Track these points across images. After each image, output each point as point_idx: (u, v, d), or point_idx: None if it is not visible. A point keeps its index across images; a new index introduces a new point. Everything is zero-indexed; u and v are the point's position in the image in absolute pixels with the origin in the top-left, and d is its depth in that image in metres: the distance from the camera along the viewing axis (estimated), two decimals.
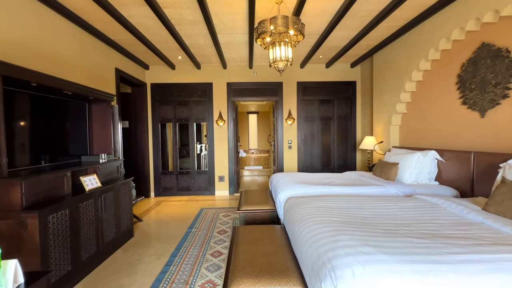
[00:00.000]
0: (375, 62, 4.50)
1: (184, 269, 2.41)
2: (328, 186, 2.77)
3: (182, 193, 5.40)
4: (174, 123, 5.37)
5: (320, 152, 5.50)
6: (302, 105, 5.42)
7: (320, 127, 5.48)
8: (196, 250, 2.79)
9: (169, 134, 5.50)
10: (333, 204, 2.01)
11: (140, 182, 5.21)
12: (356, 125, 5.45)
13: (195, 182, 5.42)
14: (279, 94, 5.38)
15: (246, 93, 5.37)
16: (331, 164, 5.52)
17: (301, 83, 5.37)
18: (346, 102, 5.46)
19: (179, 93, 5.32)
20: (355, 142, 5.47)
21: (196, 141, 6.48)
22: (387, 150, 4.11)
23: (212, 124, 5.37)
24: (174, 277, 2.26)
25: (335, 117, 5.46)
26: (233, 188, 5.43)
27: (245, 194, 3.45)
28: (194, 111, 5.37)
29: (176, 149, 5.40)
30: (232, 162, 5.41)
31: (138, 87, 5.15)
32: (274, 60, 2.42)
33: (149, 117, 5.29)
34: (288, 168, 5.44)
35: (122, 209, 2.95)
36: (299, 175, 3.64)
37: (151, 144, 5.31)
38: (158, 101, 5.32)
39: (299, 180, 3.22)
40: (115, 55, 4.11)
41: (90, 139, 3.08)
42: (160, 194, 5.38)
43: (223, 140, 5.40)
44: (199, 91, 5.34)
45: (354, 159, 5.48)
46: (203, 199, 5.08)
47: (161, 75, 5.28)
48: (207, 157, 5.45)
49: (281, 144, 5.41)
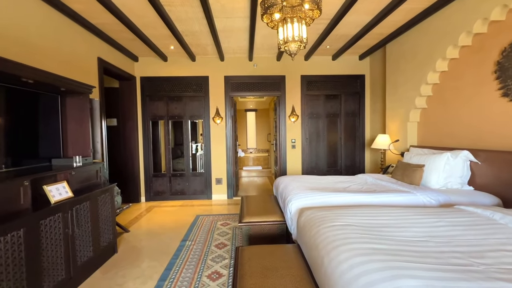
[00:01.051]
0: (389, 52, 4.07)
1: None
2: (346, 193, 2.34)
3: (176, 198, 4.93)
4: (166, 120, 4.90)
5: (326, 152, 5.08)
6: (306, 101, 4.99)
7: (326, 124, 5.06)
8: (190, 271, 2.34)
9: (161, 132, 5.02)
10: (365, 220, 1.57)
11: (129, 185, 4.73)
12: (365, 122, 5.03)
13: (190, 185, 4.96)
14: (281, 89, 4.93)
15: (246, 88, 4.92)
16: (337, 165, 5.10)
17: (305, 76, 4.93)
18: (354, 98, 5.04)
19: (172, 88, 4.85)
20: (363, 140, 5.05)
21: (191, 140, 6.02)
22: (404, 150, 3.69)
23: (208, 122, 4.90)
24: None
25: (342, 113, 5.03)
26: (231, 191, 4.98)
27: (247, 201, 3.01)
28: (188, 107, 4.90)
29: (169, 149, 4.93)
30: (230, 163, 4.95)
31: (126, 81, 4.66)
32: (285, 40, 1.97)
33: (139, 114, 4.80)
34: (292, 169, 5.01)
35: (102, 221, 2.48)
36: (308, 178, 3.21)
37: (141, 143, 4.83)
38: (148, 96, 4.83)
39: (309, 185, 2.79)
40: (98, 42, 3.61)
41: (63, 139, 2.60)
42: (152, 199, 4.90)
43: (221, 139, 4.94)
44: (194, 85, 4.87)
45: (363, 159, 5.07)
46: (199, 204, 4.63)
47: (152, 67, 4.79)
48: (203, 157, 4.99)
49: (283, 143, 4.97)
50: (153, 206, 4.54)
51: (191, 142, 6.41)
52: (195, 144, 6.29)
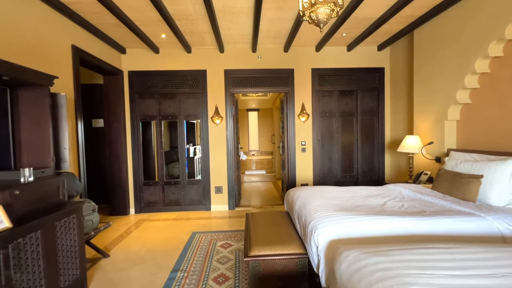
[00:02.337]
0: (418, 39, 3.46)
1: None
2: (388, 217, 1.73)
3: (170, 209, 4.32)
4: (158, 120, 4.29)
5: (340, 155, 4.47)
6: (318, 98, 4.38)
7: (340, 124, 4.45)
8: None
9: (153, 134, 4.41)
10: (458, 281, 0.96)
11: (116, 196, 4.12)
12: (385, 121, 4.42)
13: (186, 194, 4.35)
14: (289, 84, 4.33)
15: (249, 83, 4.31)
16: (353, 170, 4.49)
17: (317, 70, 4.33)
18: (372, 94, 4.43)
19: (165, 83, 4.24)
20: (383, 142, 4.44)
21: (187, 143, 5.42)
22: (439, 154, 3.09)
23: (206, 122, 4.30)
24: None
25: (358, 112, 4.42)
26: (233, 201, 4.37)
27: (253, 222, 2.40)
28: (184, 105, 4.29)
29: (162, 153, 4.32)
30: (232, 168, 4.34)
31: (111, 76, 4.05)
32: (312, 2, 1.36)
33: (127, 114, 4.20)
34: (302, 175, 4.39)
35: (64, 254, 1.87)
36: (328, 191, 2.60)
37: (130, 147, 4.22)
38: (138, 93, 4.23)
39: (333, 201, 2.18)
40: (71, 27, 3.01)
41: (14, 144, 1.99)
42: (142, 210, 4.29)
43: (221, 141, 4.33)
44: (190, 80, 4.26)
45: (382, 164, 4.45)
46: (196, 217, 4.02)
47: (142, 60, 4.19)
48: (201, 163, 4.38)
49: (292, 146, 4.36)
50: (142, 220, 3.93)
51: (187, 145, 5.82)
52: (193, 146, 5.71)
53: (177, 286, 2.14)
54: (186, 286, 2.14)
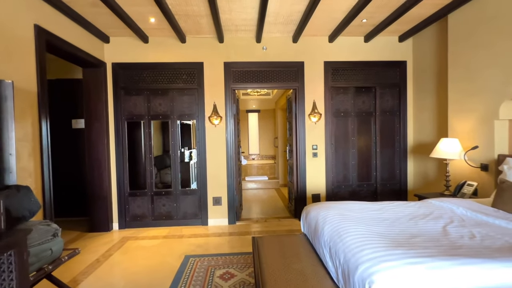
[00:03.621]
0: (454, 24, 2.93)
1: None
2: (478, 260, 1.16)
3: (160, 223, 3.71)
4: (147, 121, 3.70)
5: (357, 161, 3.90)
6: (331, 95, 3.83)
7: (356, 125, 3.89)
8: None
9: (141, 137, 3.81)
10: None
11: (96, 208, 3.51)
12: (407, 122, 3.88)
13: (179, 206, 3.75)
14: (299, 79, 3.77)
15: (252, 78, 3.75)
16: (371, 178, 3.93)
17: (330, 63, 3.78)
18: (393, 91, 3.89)
19: (155, 78, 3.66)
20: (405, 146, 3.89)
21: (181, 147, 4.83)
22: (486, 161, 2.54)
23: (203, 123, 3.71)
24: None
25: (377, 111, 3.88)
26: (233, 214, 3.77)
27: (264, 253, 1.81)
28: (177, 103, 3.71)
29: (151, 158, 3.72)
30: (232, 176, 3.76)
31: (92, 68, 3.46)
32: None
33: (110, 113, 3.60)
34: (313, 184, 3.82)
35: None
36: (358, 208, 2.03)
37: (113, 151, 3.62)
38: (123, 89, 3.64)
39: (376, 227, 1.60)
40: (36, 2, 2.42)
41: None
42: (127, 226, 3.68)
43: (220, 145, 3.75)
44: (184, 74, 3.69)
45: (404, 171, 3.90)
46: (191, 234, 3.41)
47: (128, 51, 3.61)
48: (197, 170, 3.78)
49: (302, 150, 3.79)
50: (127, 238, 3.32)
51: (182, 148, 5.25)
52: (188, 150, 5.13)
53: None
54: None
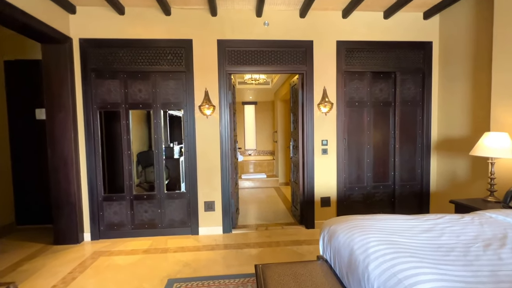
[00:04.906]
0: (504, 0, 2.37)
1: None
2: None
3: (142, 233, 3.12)
4: (124, 110, 3.06)
5: (372, 159, 3.36)
6: (345, 81, 3.25)
7: (372, 117, 3.34)
8: None
9: (118, 129, 3.17)
10: None
11: (61, 215, 2.89)
12: (432, 114, 3.34)
13: (165, 212, 3.15)
14: (307, 62, 3.18)
15: (251, 60, 3.13)
16: (388, 178, 3.40)
17: (343, 43, 3.19)
18: (415, 77, 3.33)
19: (134, 58, 3.02)
20: (428, 142, 3.36)
21: (169, 142, 4.25)
22: None
23: (192, 113, 3.10)
24: None
25: (396, 101, 3.32)
26: (229, 221, 3.20)
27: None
28: (161, 89, 3.08)
29: (129, 155, 3.10)
30: (227, 176, 3.18)
31: (54, 45, 2.80)
32: None
33: (78, 100, 2.96)
34: (322, 185, 3.27)
35: None
36: (401, 228, 1.48)
37: (83, 147, 2.99)
38: (94, 71, 2.99)
39: (445, 266, 1.05)
40: None
41: None
42: (102, 236, 3.08)
43: (213, 140, 3.15)
44: (170, 54, 3.05)
45: (427, 171, 3.37)
46: (178, 246, 2.83)
47: (100, 24, 2.95)
48: (186, 169, 3.18)
49: (309, 146, 3.22)
50: (99, 253, 2.72)
51: (171, 143, 4.64)
52: (178, 146, 4.53)
53: None
54: None
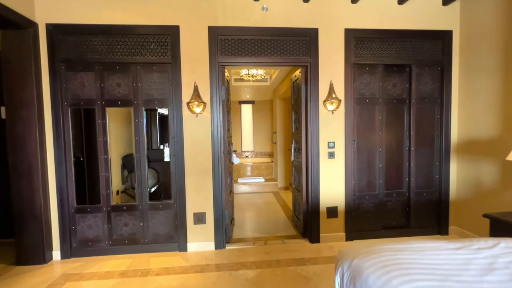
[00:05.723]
0: None
1: None
2: None
3: (121, 250, 2.70)
4: (100, 108, 2.64)
5: (384, 164, 2.97)
6: (354, 75, 2.86)
7: (384, 116, 2.95)
8: None
9: (95, 130, 2.74)
10: None
11: (25, 231, 2.46)
12: (451, 112, 2.96)
13: (148, 226, 2.73)
14: (311, 53, 2.78)
15: (248, 50, 2.73)
16: (403, 185, 3.01)
17: (353, 31, 2.80)
18: (433, 71, 2.95)
19: (111, 47, 2.60)
20: (448, 144, 2.98)
21: (156, 144, 3.86)
22: None
23: (179, 111, 2.69)
24: None
25: (412, 97, 2.94)
26: (222, 235, 2.79)
27: None
28: (143, 84, 2.66)
29: (106, 160, 2.68)
30: (220, 183, 2.77)
31: (15, 30, 2.38)
32: None
33: (45, 96, 2.54)
34: (329, 193, 2.87)
35: None
36: (443, 262, 1.11)
37: (51, 151, 2.57)
38: (65, 62, 2.57)
39: None
40: None
41: None
42: (75, 254, 2.65)
43: (203, 141, 2.74)
44: (153, 43, 2.64)
45: (446, 177, 2.99)
46: (161, 268, 2.42)
47: (71, 6, 2.53)
48: (173, 176, 2.77)
49: (314, 149, 2.83)
50: (67, 276, 2.29)
51: (161, 145, 4.25)
52: (168, 148, 4.12)
53: None
54: None
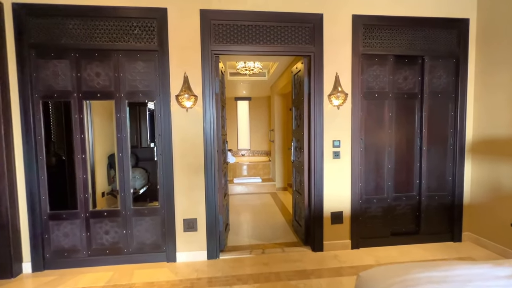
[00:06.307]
0: None
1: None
2: None
3: (102, 261, 2.40)
4: (77, 100, 2.33)
5: (394, 164, 2.71)
6: (362, 67, 2.59)
7: (394, 112, 2.69)
8: None
9: (73, 126, 2.43)
10: None
11: None
12: (467, 108, 2.71)
13: (132, 234, 2.44)
14: (316, 41, 2.50)
15: (244, 37, 2.44)
16: (413, 188, 2.76)
17: (361, 18, 2.53)
18: (447, 63, 2.69)
19: (89, 32, 2.28)
20: (462, 143, 2.73)
21: (139, 142, 3.58)
22: None
23: (167, 105, 2.39)
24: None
25: (424, 92, 2.68)
26: (215, 244, 2.51)
27: None
28: (125, 74, 2.36)
29: (84, 160, 2.37)
30: (213, 186, 2.48)
31: None
32: None
33: (12, 87, 2.22)
34: (334, 197, 2.61)
35: None
36: None
37: (20, 150, 2.25)
38: (35, 47, 2.25)
39: None
40: None
41: None
42: (48, 266, 2.35)
43: (194, 139, 2.45)
44: (137, 27, 2.33)
45: (460, 178, 2.74)
46: (145, 283, 2.13)
47: None
48: (160, 178, 2.47)
49: (318, 149, 2.56)
50: None
51: (149, 143, 3.92)
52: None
53: None
54: None
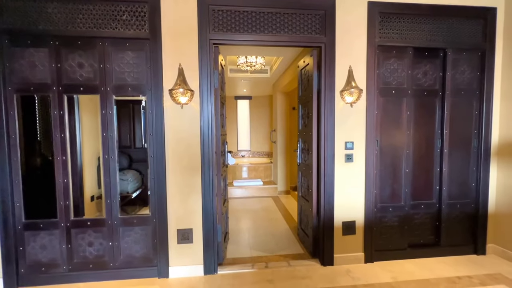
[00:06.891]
0: None
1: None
2: None
3: (84, 277, 2.12)
4: (56, 95, 2.05)
5: (411, 169, 2.45)
6: (378, 60, 2.33)
7: (413, 111, 2.42)
8: None
9: (52, 124, 2.15)
10: None
11: None
12: (493, 107, 2.45)
13: (119, 245, 2.16)
14: (327, 31, 2.23)
15: (247, 25, 2.17)
16: (432, 194, 2.50)
17: (377, 4, 2.27)
18: (472, 57, 2.43)
19: (71, 17, 2.01)
20: (488, 145, 2.47)
21: (133, 142, 3.30)
22: None
23: (159, 101, 2.11)
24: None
25: (446, 89, 2.42)
26: (213, 257, 2.23)
27: None
28: (112, 65, 2.08)
29: (64, 163, 2.09)
30: (211, 191, 2.21)
31: None
32: None
33: None
34: (345, 205, 2.34)
35: None
36: None
37: None
38: (9, 33, 1.97)
39: None
40: None
41: None
42: (23, 282, 2.07)
43: (190, 139, 2.17)
44: (126, 12, 2.06)
45: (486, 185, 2.48)
46: None
47: None
48: (151, 183, 2.19)
49: (328, 151, 2.29)
50: None
51: (143, 143, 3.65)
52: None
53: None
54: None
